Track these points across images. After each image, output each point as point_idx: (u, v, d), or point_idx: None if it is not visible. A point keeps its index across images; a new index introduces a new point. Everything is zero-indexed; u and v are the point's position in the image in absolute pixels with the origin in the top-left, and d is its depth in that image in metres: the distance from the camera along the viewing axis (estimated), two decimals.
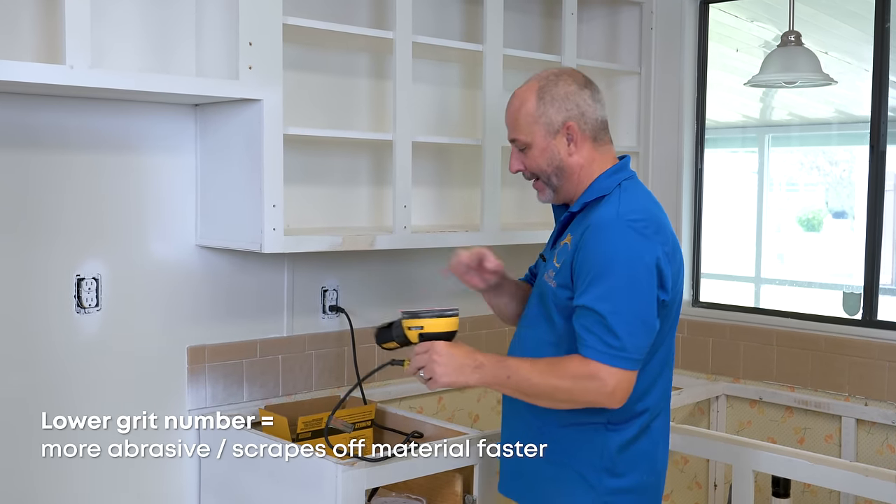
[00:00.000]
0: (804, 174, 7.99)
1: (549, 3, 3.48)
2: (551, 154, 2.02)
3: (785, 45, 3.17)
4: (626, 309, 1.86)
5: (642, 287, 1.87)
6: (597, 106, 2.02)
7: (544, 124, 2.01)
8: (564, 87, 2.00)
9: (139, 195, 2.56)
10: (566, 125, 2.00)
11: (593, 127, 2.02)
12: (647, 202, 2.00)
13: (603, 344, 1.85)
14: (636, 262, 1.87)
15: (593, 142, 2.02)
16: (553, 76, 2.03)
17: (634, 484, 2.01)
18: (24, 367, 2.38)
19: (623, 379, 1.86)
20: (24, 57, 2.28)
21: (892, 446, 3.05)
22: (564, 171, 2.03)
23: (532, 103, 2.01)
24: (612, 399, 1.87)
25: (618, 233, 1.89)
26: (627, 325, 1.85)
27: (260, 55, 2.42)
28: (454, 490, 2.50)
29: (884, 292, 3.21)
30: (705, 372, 3.49)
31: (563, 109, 2.00)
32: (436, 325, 2.02)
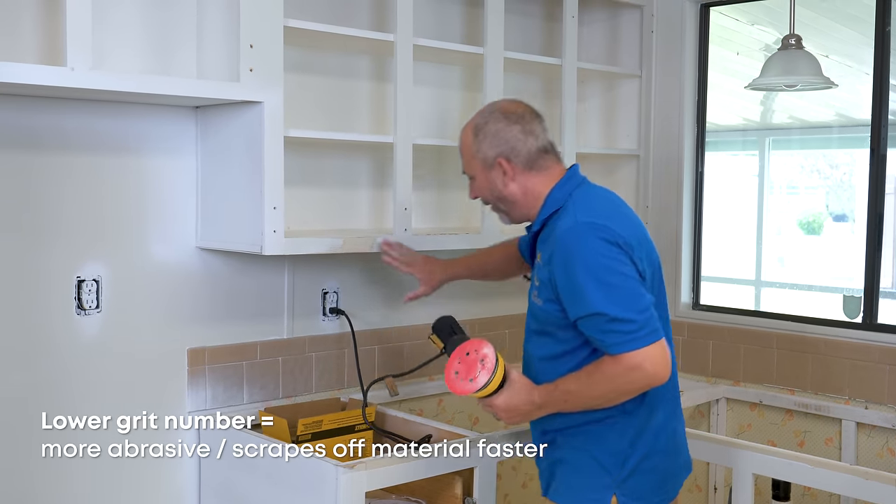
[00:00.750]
0: (805, 177, 8.00)
1: (549, 5, 3.49)
2: (491, 185, 2.19)
3: (785, 48, 3.17)
4: (621, 296, 1.95)
5: (621, 271, 1.97)
6: (529, 139, 2.16)
7: (481, 160, 2.18)
8: (494, 125, 2.16)
9: (140, 197, 2.56)
10: (497, 160, 2.15)
11: (526, 158, 2.15)
12: (600, 202, 2.12)
13: (622, 335, 1.93)
14: (606, 256, 1.97)
15: (529, 170, 2.16)
16: (487, 114, 2.19)
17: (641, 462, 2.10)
18: (25, 367, 2.38)
19: (656, 353, 1.94)
20: (25, 59, 2.28)
21: (892, 450, 3.05)
22: (506, 200, 2.19)
23: (469, 140, 2.20)
24: (657, 377, 1.95)
25: (580, 238, 2.00)
26: (631, 307, 1.94)
27: (261, 57, 2.42)
28: (454, 492, 2.50)
29: (884, 295, 3.21)
30: (705, 375, 3.50)
31: (494, 146, 2.15)
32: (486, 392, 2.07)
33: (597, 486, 2.10)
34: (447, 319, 2.40)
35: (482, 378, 2.03)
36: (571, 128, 3.24)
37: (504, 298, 3.43)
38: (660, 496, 2.15)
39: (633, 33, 3.57)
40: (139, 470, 2.58)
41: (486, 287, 3.38)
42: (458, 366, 2.07)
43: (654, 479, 2.13)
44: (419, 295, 2.69)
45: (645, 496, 2.11)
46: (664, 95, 3.55)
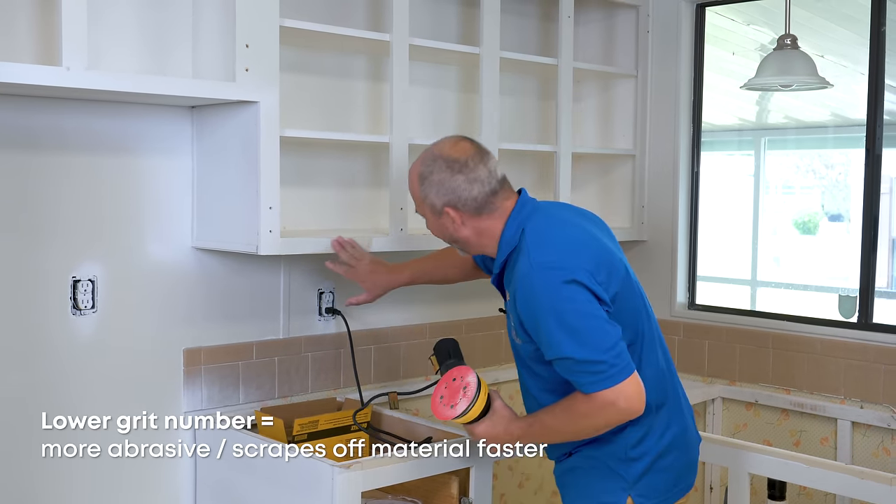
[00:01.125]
0: (800, 177, 8.00)
1: (545, 5, 3.49)
2: (442, 229, 2.19)
3: (781, 48, 3.17)
4: (587, 338, 1.94)
5: (584, 311, 1.96)
6: (474, 186, 2.10)
7: (429, 206, 2.16)
8: (438, 175, 2.11)
9: (136, 197, 2.56)
10: (445, 209, 2.13)
11: (474, 205, 2.12)
12: (553, 233, 2.07)
13: (592, 375, 1.94)
14: (566, 299, 1.96)
15: (479, 215, 2.13)
16: (430, 161, 2.14)
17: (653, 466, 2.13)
18: (21, 367, 2.38)
19: (628, 388, 1.95)
20: (20, 58, 2.28)
21: (887, 449, 3.06)
22: (459, 241, 2.20)
23: (416, 186, 2.18)
24: (631, 411, 1.98)
25: (539, 282, 1.98)
26: (598, 347, 1.94)
27: (257, 57, 2.42)
28: (450, 492, 2.50)
29: (879, 295, 3.22)
30: (701, 374, 3.50)
31: (440, 195, 2.12)
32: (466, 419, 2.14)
33: (610, 490, 2.13)
34: (447, 343, 2.39)
35: (461, 405, 2.10)
36: (567, 128, 3.24)
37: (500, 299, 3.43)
38: (675, 491, 2.17)
39: (629, 33, 3.57)
40: (136, 470, 2.58)
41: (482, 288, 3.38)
42: (444, 391, 2.15)
43: (670, 477, 2.15)
44: (361, 301, 2.70)
45: (661, 494, 2.14)
46: (660, 95, 3.55)
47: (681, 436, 2.19)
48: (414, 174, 2.18)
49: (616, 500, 2.12)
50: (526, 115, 3.41)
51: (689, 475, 2.22)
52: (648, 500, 2.11)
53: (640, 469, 2.11)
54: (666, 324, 3.55)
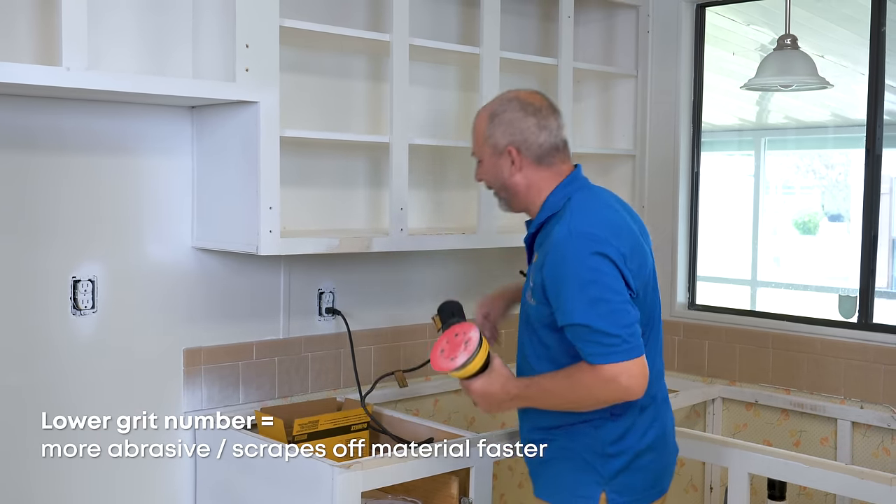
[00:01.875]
0: (800, 177, 8.00)
1: (545, 5, 3.49)
2: (496, 172, 2.18)
3: (781, 48, 3.17)
4: (606, 310, 1.95)
5: (610, 286, 1.97)
6: (542, 133, 2.15)
7: (491, 145, 2.17)
8: (511, 114, 2.14)
9: (136, 197, 2.56)
10: (507, 149, 2.14)
11: (536, 152, 2.14)
12: (597, 210, 2.10)
13: (602, 347, 1.94)
14: (596, 270, 1.97)
15: (537, 164, 2.15)
16: (506, 101, 2.17)
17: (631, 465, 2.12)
18: (21, 367, 2.38)
19: (634, 368, 1.95)
20: (21, 59, 2.28)
21: (887, 449, 3.06)
22: (508, 189, 2.19)
23: (484, 125, 2.18)
24: (631, 391, 1.96)
25: (573, 248, 2.00)
26: (615, 322, 1.95)
27: (257, 57, 2.42)
28: (450, 492, 2.50)
29: (879, 295, 3.22)
30: (701, 375, 3.50)
31: (507, 134, 2.14)
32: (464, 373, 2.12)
33: (585, 483, 2.12)
34: (452, 304, 2.40)
35: (461, 358, 2.09)
36: (567, 128, 3.23)
37: None
38: (651, 493, 2.16)
39: (629, 33, 3.57)
40: (136, 470, 2.58)
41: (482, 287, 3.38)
42: (445, 345, 2.15)
43: (647, 477, 2.14)
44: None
45: (637, 493, 2.13)
46: (660, 95, 3.55)
47: (661, 438, 2.18)
48: (485, 112, 2.19)
49: (590, 493, 2.11)
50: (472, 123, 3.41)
51: (666, 478, 2.21)
52: (622, 498, 2.10)
53: (618, 466, 2.10)
54: (666, 324, 3.53)
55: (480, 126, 2.19)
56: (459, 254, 3.33)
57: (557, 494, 2.17)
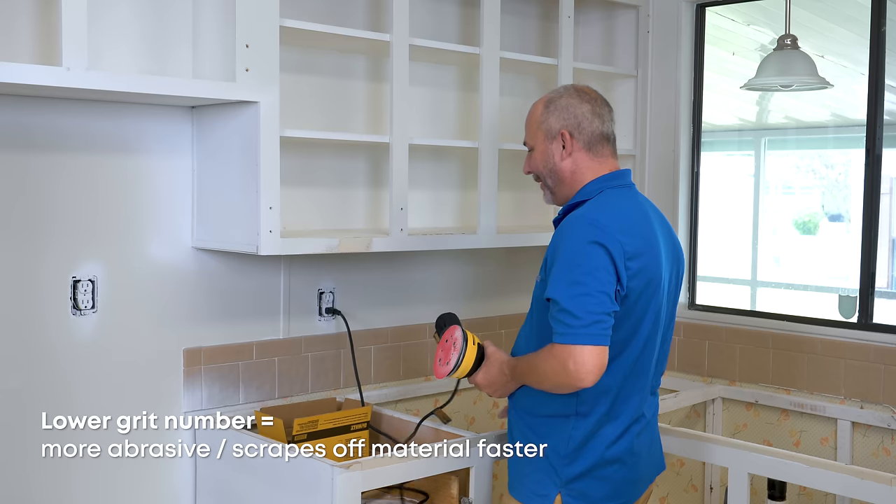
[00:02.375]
0: (800, 177, 8.00)
1: (545, 5, 3.49)
2: (547, 156, 2.23)
3: (781, 48, 3.17)
4: (581, 291, 1.97)
5: (597, 270, 1.99)
6: (595, 120, 2.21)
7: (545, 130, 2.22)
8: (567, 100, 2.21)
9: (136, 197, 2.56)
10: (561, 132, 2.20)
11: (588, 138, 2.20)
12: (619, 205, 2.14)
13: (563, 325, 1.97)
14: (589, 251, 2.00)
15: (587, 151, 2.21)
16: (563, 90, 2.25)
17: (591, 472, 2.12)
18: (21, 368, 2.38)
19: (585, 355, 1.95)
20: (21, 59, 2.28)
21: (887, 449, 3.06)
22: (557, 174, 2.22)
23: (539, 111, 2.25)
24: (577, 376, 1.96)
25: (578, 227, 2.06)
26: (583, 304, 1.96)
27: (257, 57, 2.42)
28: (450, 492, 2.50)
29: (879, 295, 3.22)
30: (701, 375, 3.50)
31: (561, 118, 2.20)
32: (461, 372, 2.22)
33: (542, 482, 2.15)
34: (445, 316, 2.43)
35: (452, 359, 2.16)
36: None
37: (500, 298, 3.44)
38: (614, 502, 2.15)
39: (630, 33, 3.57)
40: (136, 470, 2.58)
41: (482, 287, 3.38)
42: (441, 353, 2.23)
43: (606, 488, 2.13)
44: None
45: (592, 501, 2.13)
46: (660, 95, 3.55)
47: (630, 452, 2.16)
48: (541, 101, 2.25)
49: (546, 493, 2.14)
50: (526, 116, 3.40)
51: (631, 492, 2.19)
52: (577, 503, 2.11)
53: (577, 471, 2.12)
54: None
55: (535, 113, 2.25)
56: (459, 254, 3.33)
57: (520, 489, 2.21)
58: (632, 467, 2.18)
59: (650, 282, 2.09)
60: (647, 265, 2.08)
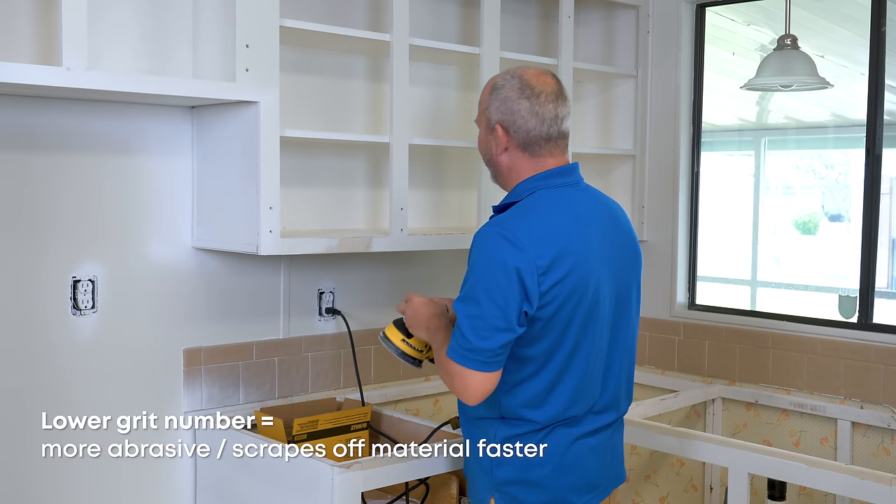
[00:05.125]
0: (800, 177, 8.00)
1: (546, 5, 3.49)
2: (486, 145, 2.12)
3: (781, 48, 3.17)
4: (476, 311, 1.93)
5: (498, 293, 1.91)
6: (531, 119, 2.04)
7: (486, 118, 2.10)
8: (507, 92, 2.05)
9: (136, 197, 2.56)
10: (496, 126, 2.07)
11: (523, 137, 2.05)
12: (546, 213, 2.00)
13: (457, 344, 1.96)
14: (495, 269, 1.92)
15: (523, 150, 2.06)
16: (509, 77, 2.07)
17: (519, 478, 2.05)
18: (21, 367, 2.38)
19: (473, 378, 1.94)
20: (21, 59, 2.28)
21: (887, 449, 3.06)
22: (494, 166, 2.12)
23: (486, 93, 2.10)
24: (465, 395, 1.97)
25: (487, 240, 1.96)
26: (477, 329, 1.92)
27: (257, 57, 2.42)
28: (450, 492, 2.50)
29: (879, 295, 3.22)
30: (701, 375, 3.50)
31: (499, 111, 2.06)
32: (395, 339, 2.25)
33: (482, 486, 2.10)
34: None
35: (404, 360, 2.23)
36: None
37: None
38: None
39: (629, 33, 3.57)
40: (136, 470, 2.58)
41: None
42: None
43: (539, 493, 2.04)
44: None
45: None
46: (660, 95, 3.55)
47: (562, 455, 2.04)
48: (490, 82, 2.11)
49: (483, 497, 2.10)
50: None
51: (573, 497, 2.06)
52: None
53: (505, 475, 2.05)
54: (666, 324, 3.55)
55: (484, 93, 2.11)
56: (459, 254, 3.32)
57: (469, 490, 2.19)
58: (568, 472, 2.05)
59: (576, 289, 1.97)
60: (570, 273, 1.95)
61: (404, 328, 2.22)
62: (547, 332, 1.97)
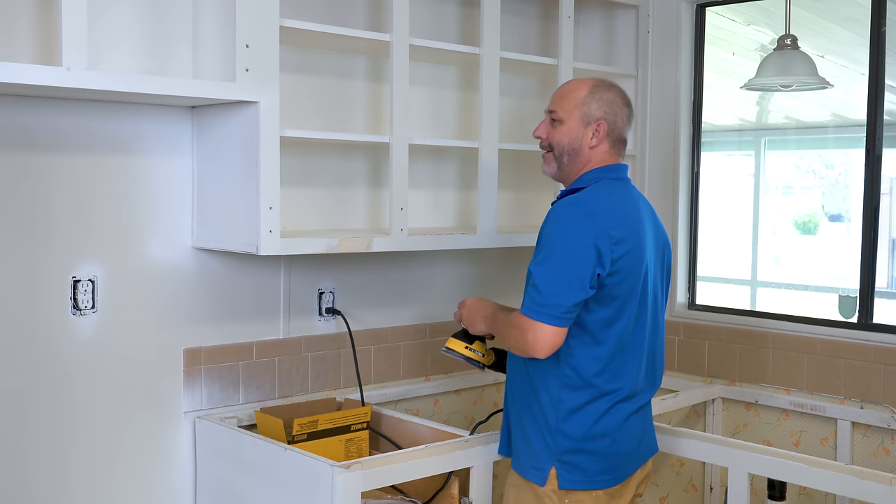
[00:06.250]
0: (800, 177, 8.00)
1: (545, 5, 3.49)
2: (575, 137, 2.33)
3: (781, 48, 3.17)
4: (553, 271, 2.14)
5: (574, 254, 2.14)
6: (627, 124, 2.37)
7: (583, 112, 2.32)
8: (612, 96, 2.34)
9: (136, 197, 2.56)
10: (599, 122, 2.31)
11: (616, 136, 2.34)
12: (614, 196, 2.27)
13: (530, 300, 2.16)
14: (572, 235, 2.15)
15: (610, 147, 2.34)
16: (609, 84, 2.37)
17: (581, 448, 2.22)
18: (21, 368, 2.38)
19: (545, 331, 2.13)
20: (21, 58, 2.28)
21: (887, 449, 3.06)
22: (577, 156, 2.33)
23: (583, 92, 2.33)
24: (533, 347, 2.15)
25: (566, 210, 2.22)
26: (552, 284, 2.13)
27: (257, 57, 2.42)
28: (450, 492, 2.50)
29: (879, 295, 3.22)
30: (701, 375, 3.50)
31: (603, 109, 2.32)
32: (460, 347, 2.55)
33: (538, 455, 2.24)
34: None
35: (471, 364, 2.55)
36: None
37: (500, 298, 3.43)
38: (606, 478, 2.25)
39: (630, 33, 3.57)
40: (136, 470, 2.58)
41: (482, 287, 3.38)
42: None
43: (599, 462, 2.23)
44: None
45: (587, 475, 2.22)
46: (660, 96, 3.55)
47: (620, 429, 2.26)
48: (586, 83, 2.35)
49: (542, 466, 2.24)
50: (526, 115, 3.41)
51: (624, 468, 2.29)
52: (571, 476, 2.22)
53: (567, 445, 2.22)
54: (666, 324, 3.54)
55: (578, 91, 2.33)
56: (459, 254, 3.33)
57: (519, 463, 2.32)
58: (622, 443, 2.26)
59: (636, 267, 2.22)
60: (633, 251, 2.20)
61: (463, 337, 2.53)
62: (611, 299, 2.19)
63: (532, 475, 2.25)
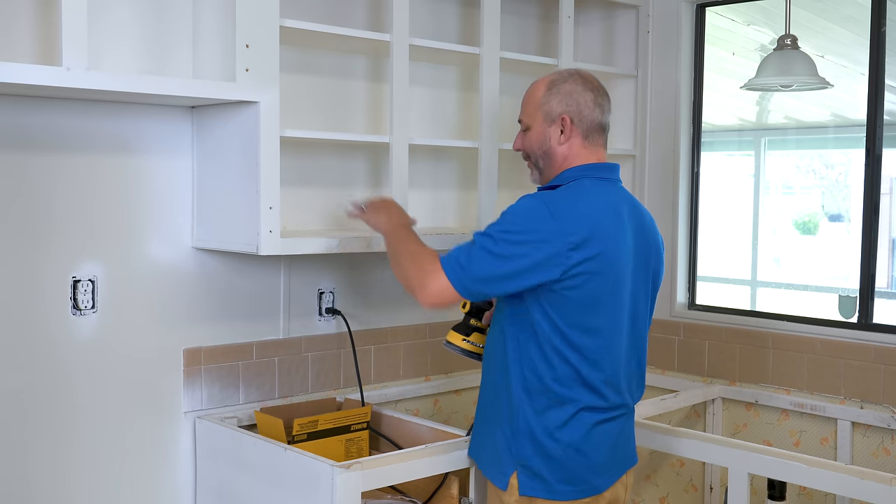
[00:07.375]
0: (800, 177, 8.01)
1: (545, 6, 3.49)
2: (543, 139, 2.27)
3: (781, 48, 3.17)
4: (491, 250, 2.09)
5: (515, 246, 2.07)
6: (596, 109, 2.25)
7: (545, 113, 2.26)
8: (571, 86, 2.25)
9: (136, 197, 2.56)
10: (562, 117, 2.24)
11: (587, 126, 2.25)
12: (588, 198, 2.16)
13: (456, 259, 2.12)
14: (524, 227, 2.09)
15: (583, 139, 2.25)
16: (567, 74, 2.29)
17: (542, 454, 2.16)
18: (21, 368, 2.38)
19: (445, 291, 2.12)
20: (21, 58, 2.28)
21: (887, 449, 3.06)
22: (550, 157, 2.27)
23: (541, 92, 2.28)
24: (422, 292, 2.15)
25: (528, 202, 2.14)
26: (481, 261, 2.09)
27: (257, 57, 2.42)
28: (450, 492, 2.50)
29: (879, 295, 3.22)
30: (701, 375, 3.50)
31: (563, 103, 2.24)
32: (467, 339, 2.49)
33: (502, 459, 2.20)
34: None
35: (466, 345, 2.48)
36: None
37: None
38: (571, 490, 2.17)
39: (630, 33, 3.57)
40: (136, 470, 2.58)
41: None
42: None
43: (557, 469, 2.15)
44: None
45: (548, 484, 2.15)
46: (660, 96, 3.55)
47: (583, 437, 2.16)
48: (543, 81, 2.29)
49: (504, 469, 2.19)
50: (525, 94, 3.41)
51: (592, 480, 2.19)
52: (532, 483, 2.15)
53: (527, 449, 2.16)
54: (666, 324, 3.55)
55: (536, 93, 2.28)
56: None
57: (485, 466, 2.29)
58: (588, 453, 2.17)
59: (604, 272, 2.12)
60: (600, 256, 2.10)
61: (461, 329, 2.46)
62: (574, 308, 2.11)
63: (496, 479, 2.21)
